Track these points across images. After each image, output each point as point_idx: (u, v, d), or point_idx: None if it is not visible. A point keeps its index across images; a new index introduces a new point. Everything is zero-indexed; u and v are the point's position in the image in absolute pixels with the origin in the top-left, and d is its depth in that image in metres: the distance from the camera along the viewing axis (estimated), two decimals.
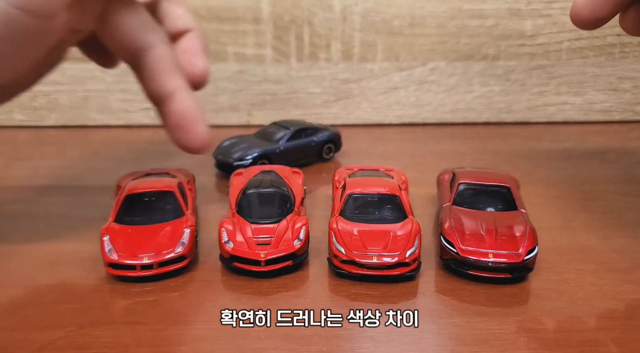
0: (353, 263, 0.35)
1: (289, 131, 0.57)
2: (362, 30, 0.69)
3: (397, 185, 0.40)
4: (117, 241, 0.36)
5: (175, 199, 0.39)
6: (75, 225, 0.43)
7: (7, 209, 0.46)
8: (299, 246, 0.36)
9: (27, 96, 0.68)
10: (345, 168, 0.47)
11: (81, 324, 0.31)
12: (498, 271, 0.34)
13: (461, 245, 0.35)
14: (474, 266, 0.35)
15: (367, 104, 0.72)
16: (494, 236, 0.35)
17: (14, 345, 0.29)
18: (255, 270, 0.35)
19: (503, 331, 0.30)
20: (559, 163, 0.55)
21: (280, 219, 0.38)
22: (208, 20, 0.68)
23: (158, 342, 0.29)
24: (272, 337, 0.30)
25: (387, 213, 0.38)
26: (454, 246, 0.35)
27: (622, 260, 0.38)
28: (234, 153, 0.53)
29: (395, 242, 0.35)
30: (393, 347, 0.29)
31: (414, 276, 0.36)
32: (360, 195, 0.39)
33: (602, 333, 0.30)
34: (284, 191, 0.40)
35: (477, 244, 0.35)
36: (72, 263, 0.38)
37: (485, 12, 0.69)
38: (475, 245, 0.35)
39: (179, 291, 0.34)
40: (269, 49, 0.69)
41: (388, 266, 0.35)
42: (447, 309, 0.32)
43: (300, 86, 0.71)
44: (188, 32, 0.41)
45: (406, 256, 0.35)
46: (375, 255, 0.35)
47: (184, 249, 0.36)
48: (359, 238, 0.36)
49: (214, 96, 0.70)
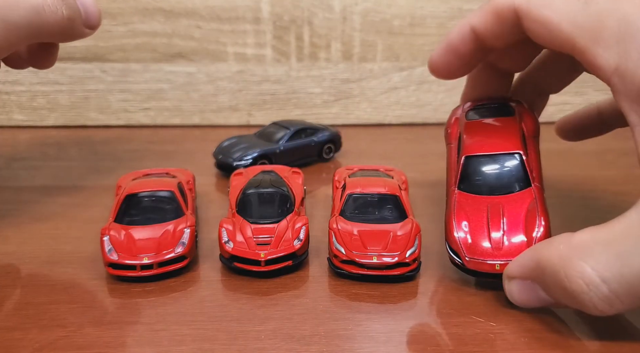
0: (353, 263, 0.35)
1: (289, 131, 0.57)
2: (362, 30, 0.69)
3: (397, 185, 0.40)
4: (117, 241, 0.36)
5: (175, 199, 0.39)
6: (75, 225, 0.43)
7: (7, 209, 0.46)
8: (299, 246, 0.36)
9: (27, 96, 0.68)
10: (345, 167, 0.47)
11: (81, 324, 0.31)
12: None
13: (467, 257, 0.33)
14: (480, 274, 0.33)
15: (367, 104, 0.72)
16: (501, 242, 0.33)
17: (14, 345, 0.29)
18: (255, 270, 0.35)
19: (503, 331, 0.30)
20: (559, 163, 0.55)
21: (280, 219, 0.38)
22: (208, 20, 0.68)
23: (158, 342, 0.29)
24: (272, 336, 0.30)
25: (387, 213, 0.38)
26: (459, 256, 0.34)
27: None
28: (234, 153, 0.53)
29: (395, 242, 0.35)
30: (393, 347, 0.29)
31: (414, 276, 0.36)
32: (360, 195, 0.39)
33: (603, 334, 0.30)
34: (284, 191, 0.40)
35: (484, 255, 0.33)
36: (72, 263, 0.38)
37: None
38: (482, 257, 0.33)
39: (179, 291, 0.34)
40: (269, 49, 0.69)
41: (388, 266, 0.35)
42: (447, 309, 0.32)
43: (300, 86, 0.71)
44: None
45: (406, 256, 0.35)
46: (375, 255, 0.35)
47: (184, 249, 0.36)
48: (359, 238, 0.36)
49: (214, 96, 0.71)
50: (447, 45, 0.35)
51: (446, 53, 0.35)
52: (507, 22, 0.32)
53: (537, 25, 0.31)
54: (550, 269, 0.28)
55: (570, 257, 0.27)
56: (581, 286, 0.27)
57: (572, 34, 0.29)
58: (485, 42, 0.34)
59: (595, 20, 0.28)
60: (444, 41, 0.36)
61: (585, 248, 0.27)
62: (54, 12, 0.38)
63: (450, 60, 0.36)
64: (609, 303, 0.26)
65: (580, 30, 0.29)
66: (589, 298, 0.27)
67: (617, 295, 0.26)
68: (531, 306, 0.31)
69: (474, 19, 0.34)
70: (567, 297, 0.28)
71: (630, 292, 0.26)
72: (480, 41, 0.34)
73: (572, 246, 0.28)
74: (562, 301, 0.29)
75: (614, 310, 0.27)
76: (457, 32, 0.35)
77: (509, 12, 0.32)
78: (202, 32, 0.68)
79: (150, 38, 0.68)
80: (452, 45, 0.35)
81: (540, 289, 0.30)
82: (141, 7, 0.67)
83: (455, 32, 0.35)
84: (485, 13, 0.33)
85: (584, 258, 0.27)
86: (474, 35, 0.34)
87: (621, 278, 0.26)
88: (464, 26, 0.34)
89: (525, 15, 0.31)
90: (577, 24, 0.29)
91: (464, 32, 0.34)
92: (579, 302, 0.27)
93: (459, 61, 0.36)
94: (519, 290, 0.31)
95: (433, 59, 0.36)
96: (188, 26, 0.68)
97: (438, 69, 0.37)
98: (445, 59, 0.36)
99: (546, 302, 0.30)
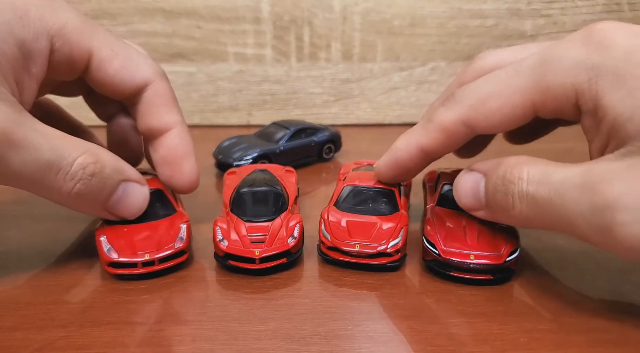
0: (337, 250, 0.36)
1: (289, 131, 0.57)
2: (362, 30, 0.69)
3: None
4: (115, 241, 0.36)
5: (165, 196, 0.40)
6: (75, 225, 0.43)
7: (7, 210, 0.46)
8: (293, 244, 0.36)
9: None
10: (353, 162, 0.49)
11: (81, 324, 0.31)
12: (480, 272, 0.34)
13: (443, 247, 0.35)
14: (456, 268, 0.35)
15: (367, 104, 0.72)
16: (476, 237, 0.35)
17: (14, 345, 0.29)
18: (250, 268, 0.35)
19: (503, 331, 0.30)
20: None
21: (274, 218, 0.38)
22: (208, 20, 0.68)
23: (158, 342, 0.29)
24: (272, 336, 0.30)
25: (380, 206, 0.39)
26: (436, 247, 0.35)
27: (622, 260, 0.38)
28: (234, 153, 0.53)
29: (380, 233, 0.36)
30: (393, 347, 0.29)
31: (396, 267, 0.36)
32: (355, 188, 0.40)
33: (602, 334, 0.30)
34: (277, 190, 0.40)
35: (459, 245, 0.35)
36: (71, 263, 0.38)
37: (485, 12, 0.69)
38: (458, 247, 0.35)
39: (179, 291, 0.34)
40: (269, 49, 0.69)
41: (370, 256, 0.36)
42: (447, 309, 0.32)
43: (300, 86, 0.71)
44: (172, 129, 0.39)
45: (388, 246, 0.36)
46: (357, 243, 0.36)
47: (183, 244, 0.36)
48: (346, 228, 0.37)
49: (214, 96, 0.71)
50: (394, 160, 0.38)
51: (393, 167, 0.38)
52: (456, 135, 0.34)
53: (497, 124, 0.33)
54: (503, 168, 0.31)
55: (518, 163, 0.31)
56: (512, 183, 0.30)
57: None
58: (433, 155, 0.36)
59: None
60: (391, 156, 0.38)
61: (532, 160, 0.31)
62: (63, 181, 0.32)
63: (397, 172, 0.39)
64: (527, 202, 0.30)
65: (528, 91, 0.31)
66: (512, 192, 0.30)
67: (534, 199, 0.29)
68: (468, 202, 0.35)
69: (421, 139, 0.36)
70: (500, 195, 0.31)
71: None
72: (428, 155, 0.36)
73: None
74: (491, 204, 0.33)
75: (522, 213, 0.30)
76: (404, 150, 0.37)
77: (458, 127, 0.34)
78: (202, 32, 0.68)
79: (150, 38, 0.68)
80: (399, 161, 0.38)
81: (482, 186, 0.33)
82: (141, 7, 0.67)
83: (402, 150, 0.37)
84: (432, 131, 0.35)
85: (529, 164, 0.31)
86: (421, 152, 0.36)
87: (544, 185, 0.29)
88: (410, 145, 0.36)
89: (475, 124, 0.33)
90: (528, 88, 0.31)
91: (411, 150, 0.36)
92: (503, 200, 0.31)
93: (405, 172, 0.38)
94: (468, 180, 0.34)
95: (380, 169, 0.39)
96: (188, 26, 0.68)
97: (384, 178, 0.40)
98: (391, 172, 0.39)
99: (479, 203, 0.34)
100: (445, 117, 0.34)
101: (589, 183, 0.27)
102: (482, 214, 0.34)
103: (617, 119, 0.28)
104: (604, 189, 0.26)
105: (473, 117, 0.33)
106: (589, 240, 0.28)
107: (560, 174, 0.29)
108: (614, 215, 0.26)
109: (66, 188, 0.32)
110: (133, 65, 0.37)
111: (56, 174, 0.31)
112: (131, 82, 0.37)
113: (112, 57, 0.36)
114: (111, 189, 0.34)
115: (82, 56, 0.35)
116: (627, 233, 0.26)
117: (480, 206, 0.34)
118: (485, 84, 0.33)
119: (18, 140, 0.30)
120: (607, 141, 0.29)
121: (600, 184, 0.27)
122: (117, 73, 0.37)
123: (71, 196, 0.33)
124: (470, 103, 0.33)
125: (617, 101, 0.28)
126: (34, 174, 0.31)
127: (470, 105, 0.33)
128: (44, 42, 0.33)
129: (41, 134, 0.31)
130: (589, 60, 0.29)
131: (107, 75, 0.36)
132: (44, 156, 0.31)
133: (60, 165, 0.31)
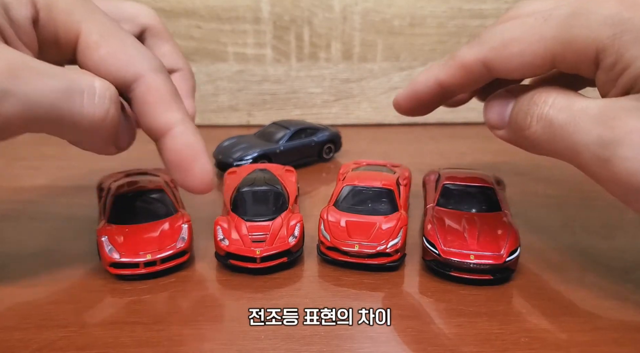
0: (337, 250, 0.36)
1: (289, 131, 0.57)
2: (362, 30, 0.69)
3: (394, 180, 0.41)
4: (116, 241, 0.36)
5: (167, 197, 0.40)
6: (75, 225, 0.43)
7: (7, 210, 0.46)
8: (294, 243, 0.36)
9: None
10: (353, 162, 0.48)
11: (81, 324, 0.31)
12: (480, 272, 0.34)
13: (443, 247, 0.35)
14: (456, 268, 0.35)
15: (367, 104, 0.72)
16: (476, 237, 0.35)
17: (14, 345, 0.29)
18: (251, 267, 0.35)
19: (504, 331, 0.30)
20: (559, 163, 0.55)
21: (274, 217, 0.38)
22: (208, 20, 0.68)
23: (158, 342, 0.29)
24: (272, 336, 0.30)
25: (379, 206, 0.39)
26: (436, 247, 0.35)
27: (622, 260, 0.38)
28: (234, 153, 0.53)
29: (380, 233, 0.36)
30: (393, 347, 0.29)
31: (396, 266, 0.36)
32: (354, 187, 0.40)
33: (603, 334, 0.30)
34: (278, 189, 0.40)
35: (459, 245, 0.35)
36: (72, 263, 0.38)
37: (485, 12, 0.69)
38: (458, 247, 0.35)
39: (179, 291, 0.34)
40: (269, 49, 0.69)
41: (369, 256, 0.36)
42: (447, 309, 0.32)
43: (300, 86, 0.71)
44: (174, 72, 0.39)
45: (387, 246, 0.35)
46: (357, 243, 0.36)
47: (185, 244, 0.36)
48: (345, 228, 0.37)
49: (214, 96, 0.71)
50: (413, 92, 0.38)
51: (411, 99, 0.38)
52: (475, 74, 0.34)
53: (510, 64, 0.33)
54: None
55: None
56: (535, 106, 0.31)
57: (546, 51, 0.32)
58: (450, 91, 0.36)
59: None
60: (410, 88, 0.38)
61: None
62: (93, 104, 0.30)
63: (414, 105, 0.39)
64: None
65: (543, 44, 0.31)
66: (533, 113, 0.31)
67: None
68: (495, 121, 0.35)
69: (441, 73, 0.36)
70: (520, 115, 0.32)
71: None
72: (445, 91, 0.36)
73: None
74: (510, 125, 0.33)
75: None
76: (424, 83, 0.37)
77: (477, 66, 0.34)
78: (202, 32, 0.68)
79: None
80: (417, 93, 0.38)
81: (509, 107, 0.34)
82: None
83: (421, 83, 0.37)
84: (451, 68, 0.35)
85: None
86: (439, 87, 0.36)
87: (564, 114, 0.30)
88: (430, 79, 0.36)
89: (494, 66, 0.33)
90: (546, 41, 0.31)
91: (429, 84, 0.37)
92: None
93: (422, 105, 0.39)
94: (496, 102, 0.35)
95: (398, 101, 0.39)
96: (188, 26, 0.68)
97: (402, 110, 0.40)
98: (409, 104, 0.39)
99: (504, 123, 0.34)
100: (467, 55, 0.34)
101: (604, 116, 0.28)
102: (501, 134, 0.35)
103: (638, 71, 0.28)
104: (615, 124, 0.27)
105: (493, 58, 0.33)
106: (588, 171, 0.29)
107: (581, 104, 0.29)
108: (617, 149, 0.27)
109: (99, 111, 0.30)
110: (121, 55, 0.32)
111: (82, 98, 0.29)
112: (117, 73, 0.32)
113: (99, 44, 0.32)
114: (119, 117, 0.32)
115: (69, 37, 0.32)
116: (625, 167, 0.27)
117: (503, 125, 0.34)
118: (512, 28, 0.33)
119: (31, 70, 0.28)
120: (625, 95, 0.29)
121: (613, 119, 0.27)
122: (102, 61, 0.32)
123: (105, 122, 0.30)
124: (493, 45, 0.33)
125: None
126: (58, 101, 0.28)
127: (492, 47, 0.33)
128: (26, 10, 0.30)
129: (52, 66, 0.29)
130: (618, 15, 0.29)
131: (92, 62, 0.32)
132: (63, 81, 0.29)
133: (83, 88, 0.29)
